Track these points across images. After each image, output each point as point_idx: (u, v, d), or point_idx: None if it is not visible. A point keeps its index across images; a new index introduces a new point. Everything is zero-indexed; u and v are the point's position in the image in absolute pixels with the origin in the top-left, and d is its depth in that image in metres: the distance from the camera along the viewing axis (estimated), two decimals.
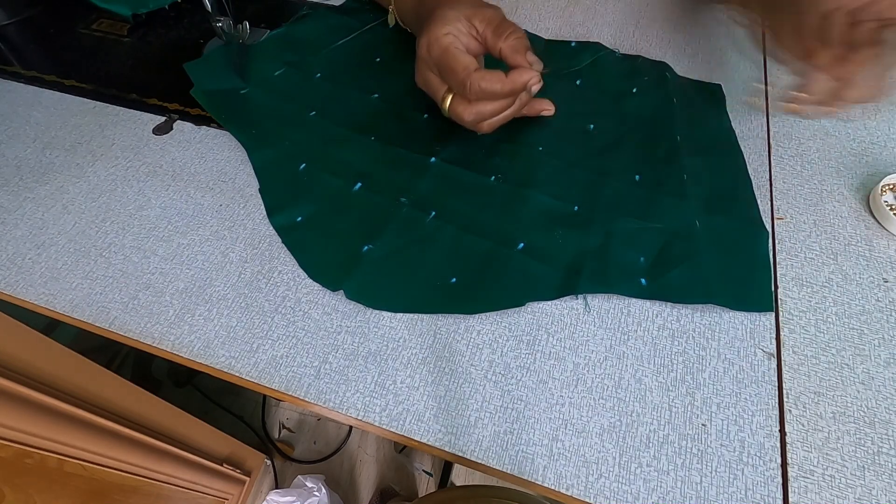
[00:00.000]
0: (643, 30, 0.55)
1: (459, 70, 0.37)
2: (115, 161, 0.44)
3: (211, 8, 0.49)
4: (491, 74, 0.37)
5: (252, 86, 0.48)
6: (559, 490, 0.28)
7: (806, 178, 0.42)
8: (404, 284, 0.36)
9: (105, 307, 0.36)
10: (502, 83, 0.37)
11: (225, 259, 0.38)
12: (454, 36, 0.39)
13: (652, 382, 0.32)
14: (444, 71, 0.39)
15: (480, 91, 0.37)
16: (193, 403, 1.03)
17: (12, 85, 0.51)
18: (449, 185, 0.41)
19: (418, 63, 0.42)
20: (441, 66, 0.39)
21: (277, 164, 0.43)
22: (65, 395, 0.47)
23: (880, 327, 0.34)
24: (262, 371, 0.33)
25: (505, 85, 0.37)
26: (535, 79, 0.38)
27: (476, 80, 0.37)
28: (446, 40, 0.39)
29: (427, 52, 0.40)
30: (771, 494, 0.28)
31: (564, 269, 0.36)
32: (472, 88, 0.37)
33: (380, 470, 1.00)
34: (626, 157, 0.42)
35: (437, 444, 0.30)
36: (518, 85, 0.38)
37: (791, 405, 0.31)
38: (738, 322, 0.34)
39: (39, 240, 0.39)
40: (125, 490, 0.61)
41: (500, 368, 0.33)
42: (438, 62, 0.39)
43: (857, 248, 0.37)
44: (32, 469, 0.47)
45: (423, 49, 0.40)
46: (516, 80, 0.37)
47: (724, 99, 0.47)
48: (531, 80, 0.38)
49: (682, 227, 0.38)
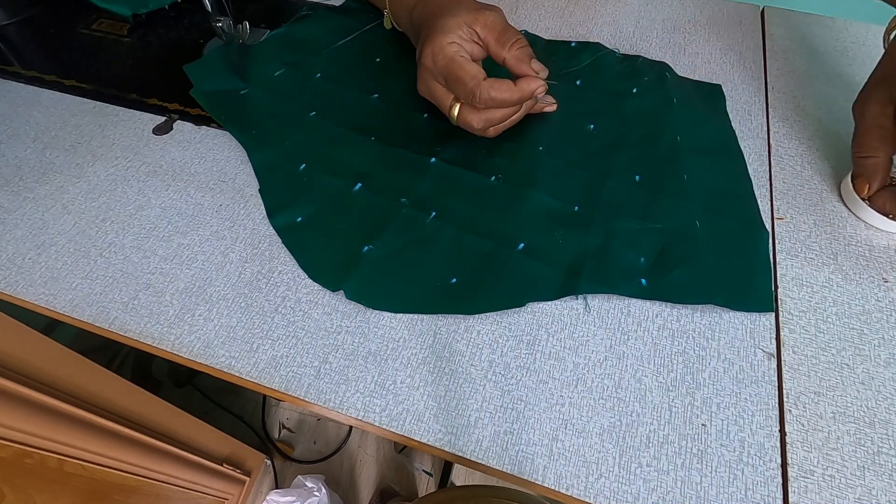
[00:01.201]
0: (643, 30, 0.55)
1: (468, 80, 0.38)
2: (115, 161, 0.44)
3: (211, 8, 0.49)
4: (500, 83, 0.38)
5: (252, 86, 0.48)
6: (559, 490, 0.28)
7: (806, 178, 0.42)
8: (404, 285, 0.36)
9: (105, 307, 0.36)
10: (511, 92, 0.38)
11: (225, 259, 0.38)
12: (458, 45, 0.39)
13: (652, 382, 0.32)
14: (450, 81, 0.39)
15: (490, 100, 0.38)
16: (193, 403, 1.03)
17: (12, 85, 0.51)
18: (449, 185, 0.41)
19: (421, 72, 0.42)
20: (447, 77, 0.39)
21: (277, 164, 0.43)
22: (65, 395, 0.47)
23: (880, 327, 0.34)
24: (262, 371, 0.33)
25: (514, 94, 0.38)
26: (543, 88, 0.39)
27: (486, 90, 0.37)
28: (451, 49, 0.39)
29: (432, 63, 0.40)
30: (771, 494, 0.28)
31: (565, 269, 0.36)
32: (482, 98, 0.38)
33: (380, 470, 1.00)
34: (626, 157, 0.42)
35: (437, 444, 0.30)
36: (526, 93, 0.38)
37: (791, 405, 0.31)
38: (738, 322, 0.34)
39: (39, 240, 0.39)
40: (125, 490, 0.61)
41: (500, 368, 0.33)
42: (444, 72, 0.39)
43: (857, 248, 0.37)
44: (32, 469, 0.47)
45: (427, 59, 0.40)
46: (524, 88, 0.38)
47: (724, 99, 0.47)
48: (538, 88, 0.38)
49: (682, 227, 0.38)
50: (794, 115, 0.47)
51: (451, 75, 0.39)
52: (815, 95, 0.48)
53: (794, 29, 0.55)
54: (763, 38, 0.54)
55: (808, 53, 0.52)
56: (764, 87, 0.49)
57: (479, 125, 0.40)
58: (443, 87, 0.41)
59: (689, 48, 0.53)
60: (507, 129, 0.42)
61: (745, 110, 0.47)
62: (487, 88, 0.37)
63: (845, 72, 0.50)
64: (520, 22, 0.56)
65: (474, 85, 0.37)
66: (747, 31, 0.55)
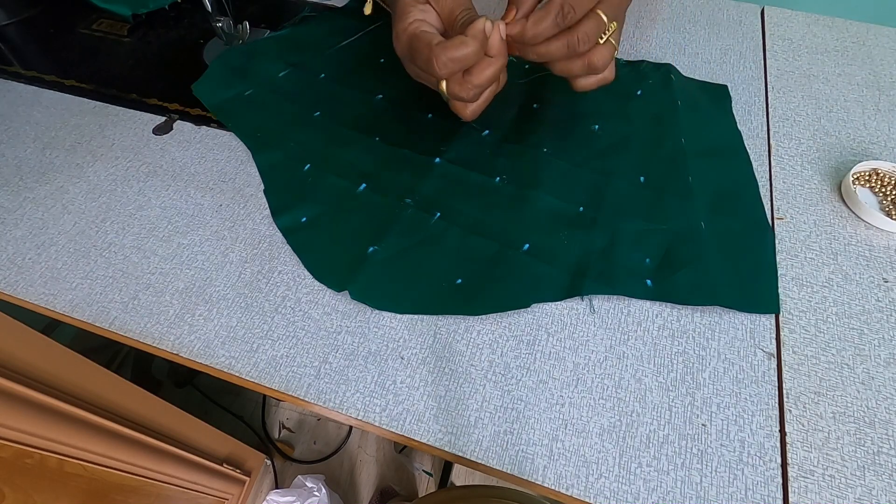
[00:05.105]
0: (643, 30, 0.55)
1: (424, 51, 0.36)
2: (115, 161, 0.44)
3: (211, 8, 0.49)
4: (450, 42, 0.35)
5: (256, 87, 0.48)
6: (559, 490, 0.28)
7: (806, 178, 0.42)
8: (409, 285, 0.36)
9: (105, 307, 0.36)
10: (464, 44, 0.35)
11: (225, 259, 0.38)
12: (418, 21, 0.38)
13: (652, 382, 0.32)
14: (416, 60, 0.38)
15: (449, 60, 0.35)
16: (193, 403, 1.03)
17: (12, 85, 0.51)
18: (454, 185, 0.41)
19: (402, 61, 0.41)
20: (413, 58, 0.38)
21: (282, 165, 0.43)
22: (65, 395, 0.47)
23: (880, 327, 0.34)
24: (262, 371, 0.33)
25: (467, 45, 0.35)
26: (489, 23, 0.35)
27: (439, 52, 0.35)
28: (411, 28, 0.38)
29: (402, 51, 0.39)
30: (771, 494, 0.28)
31: (570, 270, 0.36)
32: (441, 61, 0.35)
33: (380, 470, 1.00)
34: (631, 157, 0.42)
35: (437, 444, 0.30)
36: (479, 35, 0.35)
37: (791, 405, 0.31)
38: (738, 322, 0.34)
39: (39, 240, 0.39)
40: (125, 490, 0.61)
41: (500, 368, 0.33)
42: (412, 54, 0.38)
43: (857, 248, 0.37)
44: (32, 469, 0.47)
45: (397, 49, 0.40)
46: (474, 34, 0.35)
47: (730, 100, 0.47)
48: (485, 26, 0.35)
49: (687, 228, 0.38)
50: (794, 115, 0.47)
51: (415, 54, 0.37)
52: (815, 95, 0.48)
53: (794, 29, 0.55)
54: (763, 38, 0.54)
55: (808, 53, 0.52)
56: (764, 87, 0.49)
57: (469, 93, 0.37)
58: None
59: (689, 48, 0.53)
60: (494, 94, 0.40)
61: (745, 110, 0.47)
62: (441, 50, 0.35)
63: (845, 72, 0.50)
64: None
65: (428, 53, 0.36)
66: (747, 31, 0.55)
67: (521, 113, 0.46)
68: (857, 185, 0.40)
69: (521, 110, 0.46)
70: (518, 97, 0.47)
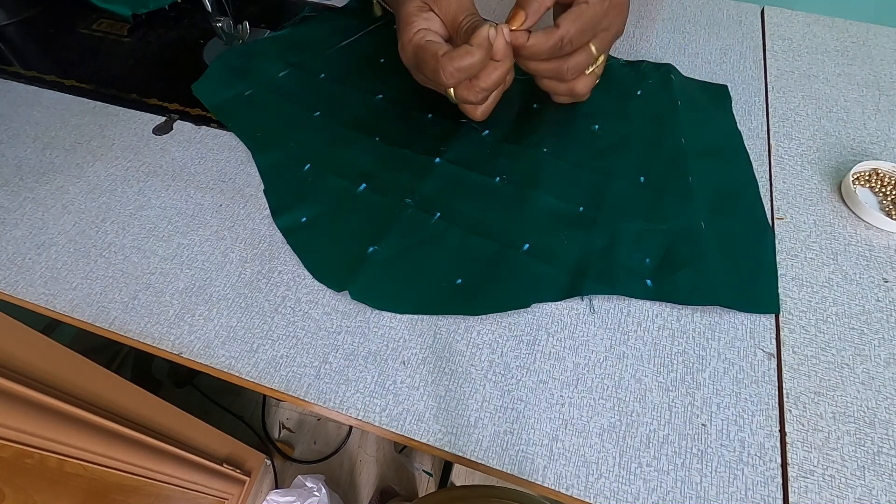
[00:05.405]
0: (643, 30, 0.55)
1: (431, 62, 0.37)
2: (115, 161, 0.44)
3: (211, 8, 0.49)
4: (457, 51, 0.36)
5: (256, 87, 0.48)
6: (559, 490, 0.28)
7: (806, 178, 0.42)
8: (409, 285, 0.36)
9: (105, 307, 0.36)
10: (469, 53, 0.36)
11: (225, 259, 0.38)
12: (423, 30, 0.38)
13: (652, 382, 0.32)
14: (422, 70, 0.39)
15: (455, 70, 0.36)
16: (193, 403, 1.03)
17: (12, 85, 0.51)
18: (454, 185, 0.41)
19: (409, 70, 0.42)
20: (420, 67, 0.39)
21: (282, 165, 0.43)
22: (65, 395, 0.47)
23: (880, 327, 0.34)
24: (262, 371, 0.33)
25: (473, 54, 0.36)
26: (493, 30, 0.36)
27: (446, 63, 0.36)
28: (416, 38, 0.38)
29: (407, 60, 0.40)
30: (771, 494, 0.28)
31: (570, 270, 0.36)
32: (447, 71, 0.36)
33: (380, 470, 1.00)
34: (631, 157, 0.42)
35: (437, 444, 0.30)
36: (484, 43, 0.36)
37: (791, 405, 0.31)
38: (738, 322, 0.34)
39: (39, 240, 0.39)
40: (125, 490, 0.61)
41: (500, 368, 0.33)
42: (418, 63, 0.39)
43: (857, 248, 0.37)
44: (32, 469, 0.47)
45: (403, 58, 0.40)
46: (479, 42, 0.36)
47: (730, 100, 0.47)
48: (489, 33, 0.36)
49: (687, 228, 0.38)
50: (794, 115, 0.47)
51: (422, 64, 0.38)
52: (815, 95, 0.48)
53: (794, 29, 0.55)
54: (763, 38, 0.54)
55: (808, 53, 0.52)
56: (764, 87, 0.49)
57: (477, 97, 0.38)
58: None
59: (689, 48, 0.53)
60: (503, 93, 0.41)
61: (745, 110, 0.47)
62: (447, 61, 0.36)
63: (845, 72, 0.50)
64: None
65: (435, 63, 0.36)
66: (747, 31, 0.55)
67: (521, 113, 0.46)
68: (858, 185, 0.41)
69: (521, 110, 0.46)
70: (518, 97, 0.47)
